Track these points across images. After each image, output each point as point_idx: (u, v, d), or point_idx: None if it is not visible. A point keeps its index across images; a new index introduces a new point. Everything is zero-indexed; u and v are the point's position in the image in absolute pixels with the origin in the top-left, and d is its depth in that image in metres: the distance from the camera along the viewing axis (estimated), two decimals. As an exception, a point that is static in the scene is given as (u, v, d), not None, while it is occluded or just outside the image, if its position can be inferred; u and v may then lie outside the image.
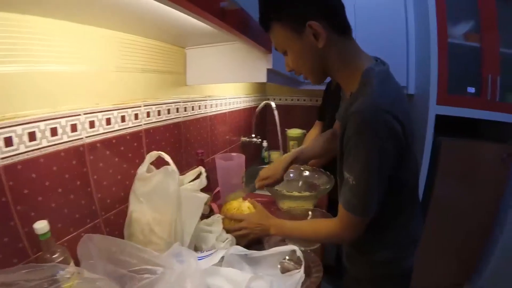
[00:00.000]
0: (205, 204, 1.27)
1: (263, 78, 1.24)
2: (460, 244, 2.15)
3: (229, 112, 1.92)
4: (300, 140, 2.46)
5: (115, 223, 1.00)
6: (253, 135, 2.23)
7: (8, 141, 0.66)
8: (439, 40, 1.91)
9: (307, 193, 1.41)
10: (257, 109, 2.15)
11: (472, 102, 1.95)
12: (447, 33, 1.92)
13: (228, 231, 1.10)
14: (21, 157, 0.69)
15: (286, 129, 2.50)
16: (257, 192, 1.57)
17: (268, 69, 1.24)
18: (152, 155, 0.97)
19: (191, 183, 1.01)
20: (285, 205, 1.42)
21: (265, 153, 2.45)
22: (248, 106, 2.30)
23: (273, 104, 1.99)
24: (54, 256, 0.68)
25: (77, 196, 0.85)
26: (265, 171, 1.30)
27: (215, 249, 0.97)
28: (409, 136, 0.78)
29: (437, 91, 1.95)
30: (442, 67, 1.93)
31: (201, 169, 1.06)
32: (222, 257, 0.92)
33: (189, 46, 1.31)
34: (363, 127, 0.73)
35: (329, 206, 1.59)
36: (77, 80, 0.82)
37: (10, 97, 0.66)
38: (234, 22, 0.80)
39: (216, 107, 1.72)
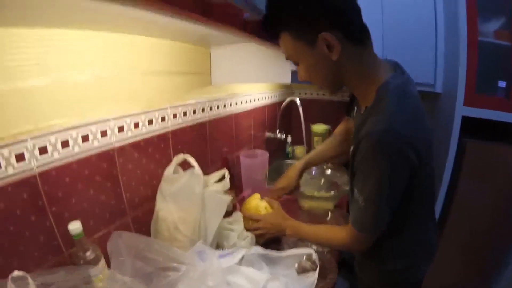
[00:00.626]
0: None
1: (287, 79, 1.26)
2: (480, 249, 2.08)
3: (254, 109, 1.94)
4: (324, 135, 2.43)
5: (143, 221, 1.05)
6: (278, 131, 2.25)
7: (43, 150, 0.71)
8: (469, 38, 1.81)
9: (327, 194, 1.43)
10: (282, 105, 2.16)
11: (500, 104, 1.85)
12: (478, 30, 1.81)
13: (246, 230, 1.13)
14: (55, 164, 0.74)
15: (310, 124, 2.49)
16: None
17: (292, 71, 1.23)
18: (179, 158, 1.01)
19: (216, 184, 1.05)
20: (305, 204, 1.44)
21: (289, 148, 2.45)
22: (273, 102, 2.31)
23: (297, 101, 2.00)
24: (86, 254, 0.73)
25: (108, 197, 0.90)
26: (281, 181, 1.35)
27: (236, 248, 1.01)
28: (425, 158, 0.77)
29: (464, 91, 1.88)
30: (471, 67, 1.84)
31: (225, 171, 1.09)
32: (243, 256, 0.95)
33: (214, 46, 1.33)
34: (376, 151, 0.73)
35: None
36: (105, 87, 0.86)
37: (42, 108, 0.70)
38: (256, 31, 0.81)
39: (241, 104, 1.75)
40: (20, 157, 0.66)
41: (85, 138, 0.81)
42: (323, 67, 0.81)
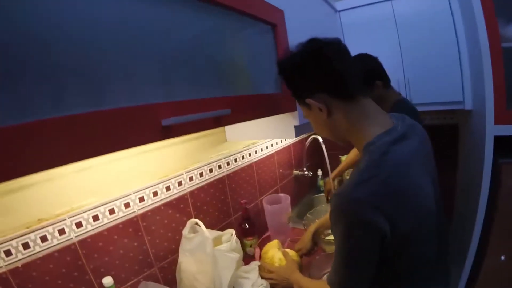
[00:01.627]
0: (251, 246, 1.51)
1: (292, 135, 1.36)
2: None
3: (277, 151, 2.11)
4: (354, 166, 2.47)
5: (168, 269, 1.28)
6: (304, 169, 2.34)
7: (79, 224, 0.97)
8: (491, 45, 1.61)
9: None
10: (306, 144, 2.29)
11: None
12: (500, 36, 1.59)
13: (262, 277, 1.31)
14: (89, 233, 1.00)
15: (340, 156, 2.56)
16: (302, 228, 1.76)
17: (295, 126, 1.35)
18: (191, 222, 1.23)
19: (224, 245, 1.24)
20: (327, 248, 1.57)
21: (320, 182, 2.56)
22: (298, 139, 2.44)
23: (320, 139, 2.11)
24: None
25: (135, 253, 1.15)
26: (297, 244, 1.50)
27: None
28: (401, 220, 0.74)
29: (493, 108, 1.66)
30: (498, 80, 1.63)
31: (232, 231, 1.30)
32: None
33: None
34: (336, 213, 0.76)
35: None
36: (124, 167, 1.11)
37: (77, 192, 0.97)
38: (229, 120, 0.93)
39: (262, 151, 1.93)
40: (61, 231, 0.93)
41: (111, 211, 1.06)
42: (323, 125, 0.89)
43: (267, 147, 1.99)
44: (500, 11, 1.58)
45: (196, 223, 1.23)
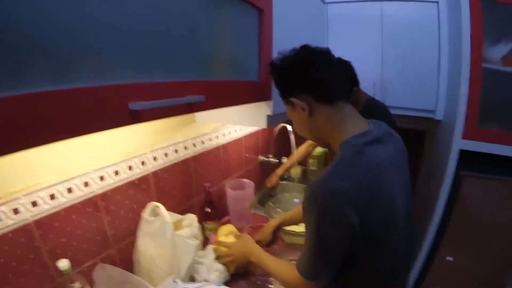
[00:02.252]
0: (210, 231, 1.51)
1: (263, 124, 1.34)
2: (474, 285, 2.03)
3: (245, 136, 2.09)
4: (320, 158, 2.53)
5: (127, 251, 1.25)
6: (270, 156, 2.37)
7: (35, 203, 0.92)
8: (472, 65, 1.68)
9: (301, 232, 1.58)
10: (274, 132, 2.29)
11: (504, 138, 1.73)
12: (482, 56, 1.67)
13: (217, 257, 1.31)
14: (46, 213, 0.95)
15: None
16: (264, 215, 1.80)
17: (268, 116, 1.33)
18: (151, 205, 1.20)
19: (185, 230, 1.23)
20: (287, 238, 1.62)
21: (284, 170, 2.58)
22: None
23: (289, 128, 2.11)
24: (74, 285, 0.95)
25: (93, 234, 1.11)
26: (257, 235, 1.50)
27: (204, 283, 1.16)
28: (379, 225, 0.81)
29: (464, 123, 1.75)
30: (473, 97, 1.71)
31: (194, 217, 1.29)
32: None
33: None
34: (310, 201, 0.81)
35: None
36: (86, 142, 1.05)
37: (33, 169, 0.91)
38: (202, 107, 0.89)
39: (230, 134, 1.90)
40: (16, 211, 0.87)
41: (70, 190, 1.01)
42: (304, 124, 0.97)
43: (235, 131, 1.96)
44: (487, 32, 1.65)
45: (157, 206, 1.20)
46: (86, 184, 1.06)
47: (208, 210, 1.58)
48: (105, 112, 0.58)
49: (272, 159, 2.36)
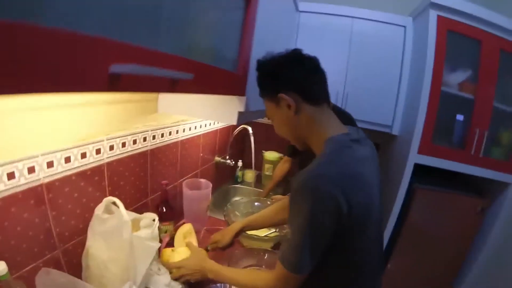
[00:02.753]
0: (166, 232, 1.36)
1: (233, 121, 1.27)
2: None
3: (203, 133, 1.98)
4: (275, 164, 2.49)
5: (74, 253, 1.07)
6: (227, 157, 2.29)
7: (-35, 189, 0.72)
8: (432, 87, 1.89)
9: (265, 236, 1.57)
10: (234, 132, 2.21)
11: (455, 155, 1.96)
12: (442, 81, 1.89)
13: (172, 278, 1.17)
14: (-23, 203, 0.75)
15: (263, 151, 2.55)
16: (221, 218, 1.73)
17: (239, 112, 1.26)
18: (108, 200, 1.04)
19: (144, 231, 1.08)
20: (245, 242, 1.53)
21: (239, 173, 2.50)
22: (226, 125, 2.34)
23: (250, 130, 2.05)
24: None
25: (36, 232, 0.92)
26: (216, 235, 1.45)
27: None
28: (362, 216, 0.84)
29: (420, 140, 1.95)
30: (430, 116, 1.91)
31: (155, 217, 1.13)
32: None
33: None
34: (300, 189, 0.81)
35: None
36: (34, 121, 0.87)
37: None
38: (187, 88, 0.81)
39: (190, 130, 1.78)
40: None
41: (11, 176, 0.83)
42: (286, 122, 0.99)
43: (195, 127, 1.84)
44: (447, 59, 1.87)
45: (114, 203, 1.04)
46: (31, 169, 0.88)
47: (164, 209, 1.43)
48: (79, 69, 0.45)
49: (228, 161, 2.26)
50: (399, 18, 2.15)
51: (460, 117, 2.00)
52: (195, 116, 1.39)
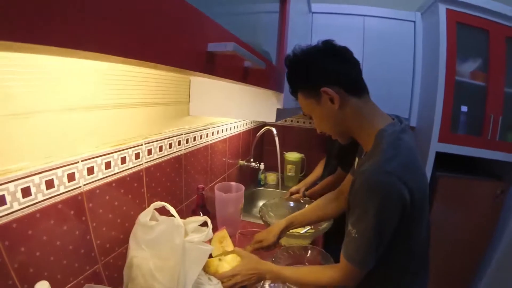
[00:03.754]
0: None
1: (272, 118, 1.20)
2: (450, 280, 2.17)
3: (229, 137, 1.88)
4: (297, 164, 2.42)
5: (114, 266, 0.95)
6: (252, 160, 2.20)
7: (1, 200, 0.61)
8: (447, 78, 1.92)
9: (304, 232, 1.49)
10: (258, 134, 2.11)
11: (473, 141, 1.99)
12: (455, 71, 1.93)
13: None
14: (15, 215, 0.64)
15: (284, 152, 2.46)
16: (254, 221, 1.67)
17: (278, 109, 1.20)
18: (156, 205, 0.93)
19: (197, 236, 0.95)
20: (283, 241, 1.41)
21: (261, 176, 2.40)
22: (248, 128, 2.26)
23: (274, 131, 1.97)
24: None
25: (76, 246, 0.81)
26: (260, 234, 1.32)
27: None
28: (420, 201, 0.81)
29: (440, 128, 1.97)
30: (447, 105, 1.95)
31: (207, 219, 1.02)
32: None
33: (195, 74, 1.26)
34: (367, 187, 0.78)
35: (324, 243, 1.61)
36: (72, 123, 0.76)
37: (3, 149, 0.61)
38: (255, 80, 0.77)
39: (218, 134, 1.68)
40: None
41: (49, 184, 0.71)
42: (330, 118, 0.93)
43: (222, 131, 1.74)
44: (458, 50, 1.92)
45: (156, 209, 0.94)
46: (70, 177, 0.76)
47: (201, 215, 1.32)
48: (183, 43, 0.41)
49: (253, 164, 2.16)
50: (408, 14, 2.17)
51: (464, 108, 2.05)
52: (229, 116, 1.29)
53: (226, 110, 1.27)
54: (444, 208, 2.08)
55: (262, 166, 2.32)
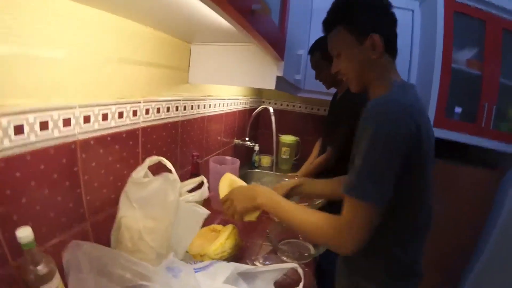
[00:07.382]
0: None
1: (271, 85, 1.18)
2: (440, 266, 2.16)
3: (225, 113, 1.83)
4: (292, 147, 2.40)
5: (103, 228, 0.90)
6: (247, 139, 2.16)
7: (-8, 135, 0.56)
8: (443, 64, 1.92)
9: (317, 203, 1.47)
10: (254, 113, 2.07)
11: (467, 128, 1.99)
12: (452, 58, 1.94)
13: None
14: (5, 153, 0.59)
15: (279, 135, 2.43)
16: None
17: (277, 77, 1.18)
18: (152, 159, 0.88)
19: (192, 194, 0.90)
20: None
21: (255, 157, 2.37)
22: (244, 108, 2.21)
23: (271, 109, 1.93)
24: (38, 268, 0.58)
25: (65, 198, 0.75)
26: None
27: (211, 261, 0.89)
28: (426, 151, 0.78)
29: (435, 113, 1.98)
30: (443, 91, 1.95)
31: (203, 178, 0.97)
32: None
33: (196, 42, 1.22)
34: (372, 114, 0.75)
35: None
36: (74, 68, 0.72)
37: (5, 82, 0.56)
38: (261, 26, 0.73)
39: (215, 107, 1.64)
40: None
41: (44, 125, 0.66)
42: (360, 63, 0.91)
43: (220, 105, 1.70)
44: (455, 38, 1.93)
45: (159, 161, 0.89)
46: (66, 122, 0.71)
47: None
48: None
49: (248, 143, 2.12)
50: (407, 2, 2.14)
51: (458, 109, 2.05)
52: (228, 83, 1.27)
53: (225, 78, 1.25)
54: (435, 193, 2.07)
55: (257, 147, 2.27)
